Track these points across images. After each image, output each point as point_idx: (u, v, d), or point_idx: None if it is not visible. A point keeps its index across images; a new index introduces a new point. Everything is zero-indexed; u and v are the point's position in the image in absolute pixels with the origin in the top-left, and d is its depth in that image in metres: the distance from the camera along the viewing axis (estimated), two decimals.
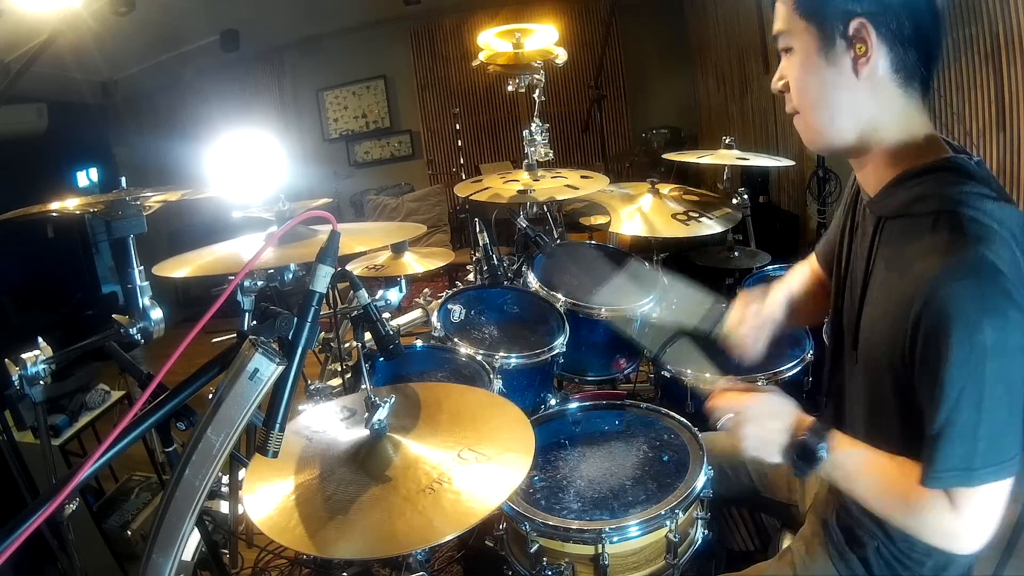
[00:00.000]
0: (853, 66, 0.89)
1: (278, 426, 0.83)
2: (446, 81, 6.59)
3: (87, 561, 1.90)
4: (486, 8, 5.96)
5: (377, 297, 1.84)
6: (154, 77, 5.61)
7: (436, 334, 1.82)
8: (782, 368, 1.73)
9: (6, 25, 2.77)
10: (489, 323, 1.97)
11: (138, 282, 1.13)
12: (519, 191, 2.11)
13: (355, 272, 2.07)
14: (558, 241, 2.40)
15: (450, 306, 1.91)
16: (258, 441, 0.84)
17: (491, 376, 1.66)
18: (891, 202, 0.94)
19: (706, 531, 1.30)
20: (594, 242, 2.58)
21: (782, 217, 4.72)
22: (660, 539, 1.21)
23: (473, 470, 1.09)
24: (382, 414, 1.14)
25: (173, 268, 1.28)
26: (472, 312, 1.96)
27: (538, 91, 2.33)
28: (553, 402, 1.82)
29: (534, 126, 2.27)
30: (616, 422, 1.52)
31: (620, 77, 6.50)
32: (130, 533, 2.43)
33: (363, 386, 1.27)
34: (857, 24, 0.87)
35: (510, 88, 2.33)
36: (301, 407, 1.54)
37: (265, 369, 0.80)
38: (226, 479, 1.78)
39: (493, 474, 1.08)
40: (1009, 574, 1.23)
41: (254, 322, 0.89)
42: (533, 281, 2.04)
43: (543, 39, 2.38)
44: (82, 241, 5.38)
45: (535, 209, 2.34)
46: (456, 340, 1.80)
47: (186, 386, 0.84)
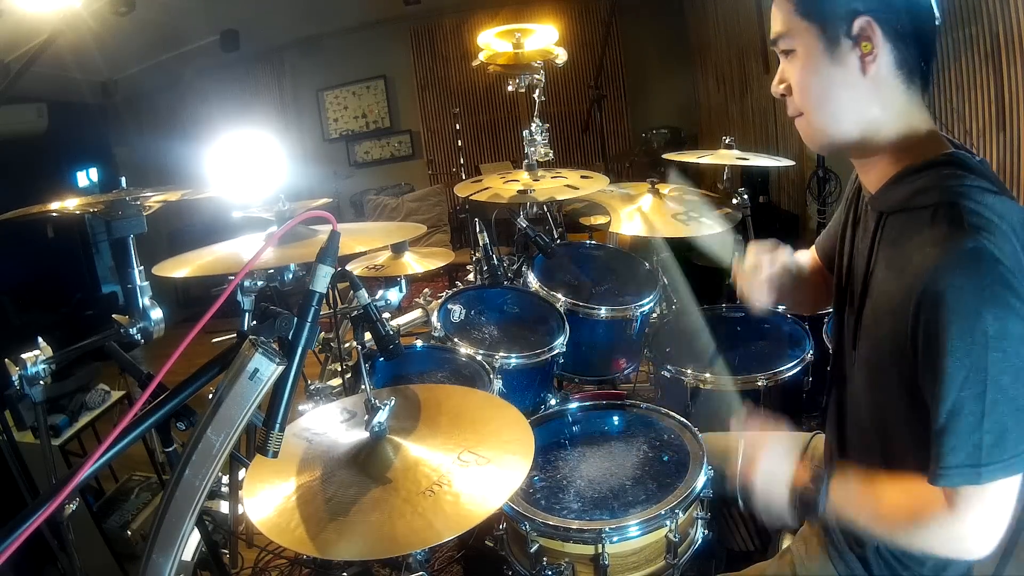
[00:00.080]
0: (860, 65, 0.88)
1: (278, 426, 0.83)
2: (446, 81, 6.58)
3: (87, 561, 1.90)
4: (486, 8, 5.95)
5: (377, 297, 1.84)
6: (154, 77, 5.61)
7: (436, 334, 1.82)
8: (782, 368, 1.73)
9: (6, 25, 2.77)
10: (489, 323, 1.97)
11: (138, 282, 1.13)
12: (519, 191, 2.11)
13: (355, 272, 2.07)
14: (558, 241, 2.40)
15: (450, 306, 1.91)
16: (258, 441, 0.84)
17: (491, 376, 1.66)
18: (892, 197, 0.93)
19: (706, 531, 1.30)
20: (594, 242, 2.58)
21: (782, 217, 4.73)
22: (660, 539, 1.21)
23: (473, 473, 1.09)
24: (382, 416, 1.14)
25: (173, 268, 1.28)
26: (472, 312, 1.96)
27: (538, 91, 2.33)
28: (553, 402, 1.82)
29: (534, 126, 2.26)
30: (616, 422, 1.53)
31: (620, 77, 6.49)
32: (130, 533, 2.42)
33: (363, 387, 1.27)
34: (863, 22, 0.86)
35: (510, 88, 2.33)
36: (301, 407, 1.54)
37: (265, 369, 0.80)
38: (226, 479, 1.78)
39: (493, 477, 1.08)
40: (1009, 574, 1.22)
41: (254, 322, 0.89)
42: (533, 281, 2.04)
43: (543, 39, 2.37)
44: (82, 241, 5.37)
45: (535, 209, 2.33)
46: (456, 340, 1.80)
47: (186, 386, 0.84)
